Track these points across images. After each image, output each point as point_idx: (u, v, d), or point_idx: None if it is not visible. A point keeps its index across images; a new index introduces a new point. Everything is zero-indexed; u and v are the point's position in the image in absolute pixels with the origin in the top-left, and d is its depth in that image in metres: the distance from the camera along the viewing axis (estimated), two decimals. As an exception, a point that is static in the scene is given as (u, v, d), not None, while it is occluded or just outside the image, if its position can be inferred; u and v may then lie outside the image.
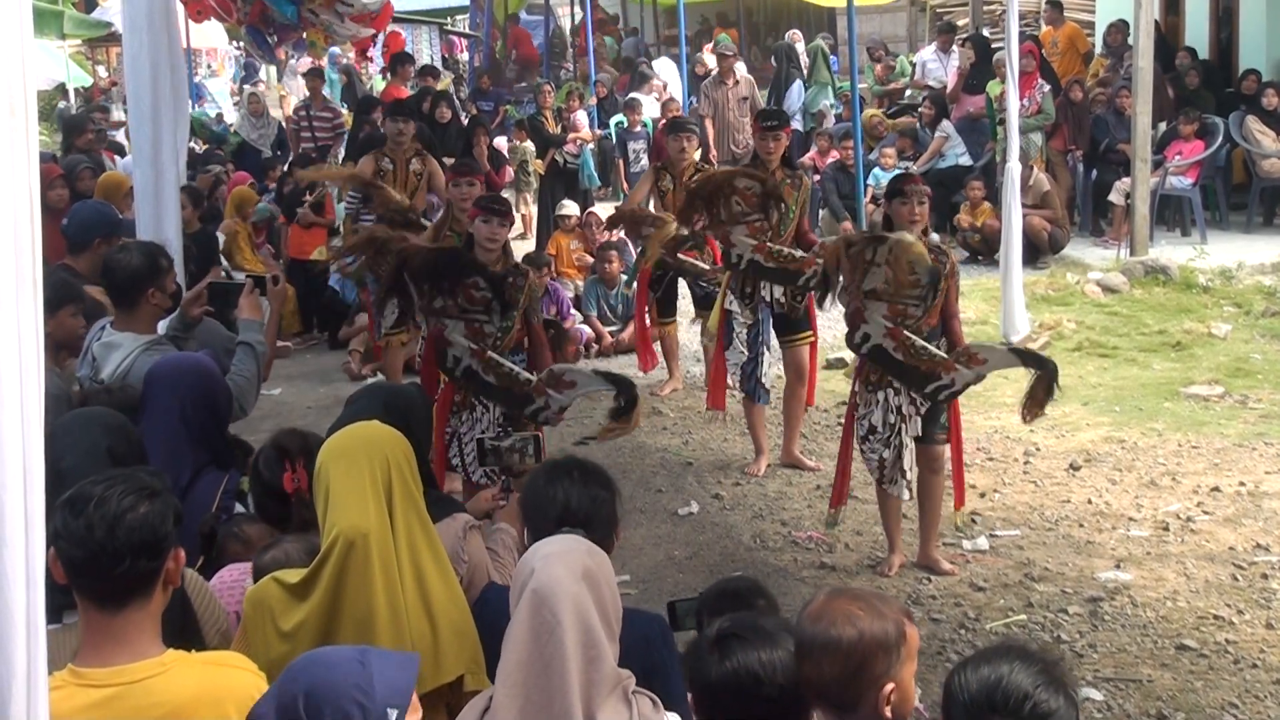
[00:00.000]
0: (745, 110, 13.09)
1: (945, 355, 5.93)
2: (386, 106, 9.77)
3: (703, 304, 8.55)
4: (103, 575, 2.46)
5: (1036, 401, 6.00)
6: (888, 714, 2.48)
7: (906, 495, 6.12)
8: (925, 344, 5.94)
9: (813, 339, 7.64)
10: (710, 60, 16.15)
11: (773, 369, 7.62)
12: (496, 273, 6.07)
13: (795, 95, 15.99)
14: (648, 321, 9.03)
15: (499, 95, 18.21)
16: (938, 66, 15.61)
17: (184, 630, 2.99)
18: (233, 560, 3.57)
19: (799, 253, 7.22)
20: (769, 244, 7.20)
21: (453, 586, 3.15)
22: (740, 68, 14.75)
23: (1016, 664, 2.34)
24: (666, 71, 16.83)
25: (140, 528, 2.48)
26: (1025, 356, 6.14)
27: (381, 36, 19.00)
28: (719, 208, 7.24)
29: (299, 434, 3.68)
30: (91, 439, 3.51)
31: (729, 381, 7.63)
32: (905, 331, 5.92)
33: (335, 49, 23.19)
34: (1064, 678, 2.37)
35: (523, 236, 13.90)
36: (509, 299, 6.07)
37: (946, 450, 6.16)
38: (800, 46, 16.81)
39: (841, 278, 6.09)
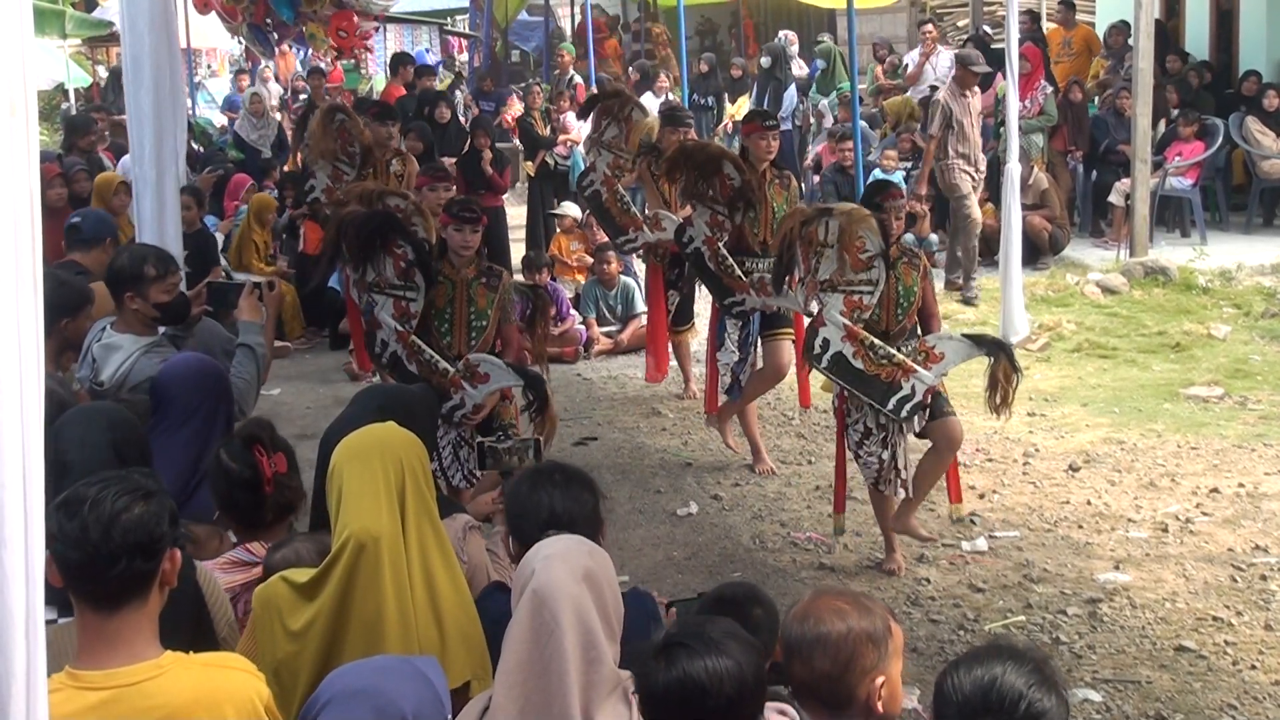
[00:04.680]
0: (981, 129, 11.55)
1: (903, 357, 5.87)
2: (374, 110, 9.70)
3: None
4: (98, 577, 2.45)
5: (999, 388, 5.83)
6: (879, 709, 2.49)
7: (902, 493, 6.11)
8: (882, 343, 5.89)
9: (795, 336, 7.62)
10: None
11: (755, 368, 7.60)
12: (422, 239, 6.08)
13: (791, 97, 15.99)
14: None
15: (500, 96, 18.19)
16: (929, 71, 15.61)
17: (199, 624, 3.00)
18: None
19: (739, 272, 7.24)
20: (721, 244, 7.24)
21: (463, 592, 3.15)
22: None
23: (1009, 664, 2.35)
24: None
25: (136, 529, 2.47)
26: (980, 342, 5.99)
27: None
28: (699, 179, 7.26)
29: (265, 422, 3.69)
30: (97, 433, 3.51)
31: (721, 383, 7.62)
32: (862, 330, 5.88)
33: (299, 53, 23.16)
34: (1055, 677, 2.39)
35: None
36: (431, 271, 6.04)
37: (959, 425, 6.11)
38: (794, 49, 16.79)
39: (799, 265, 6.05)
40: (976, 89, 11.47)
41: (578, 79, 15.52)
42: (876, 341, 5.89)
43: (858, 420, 6.06)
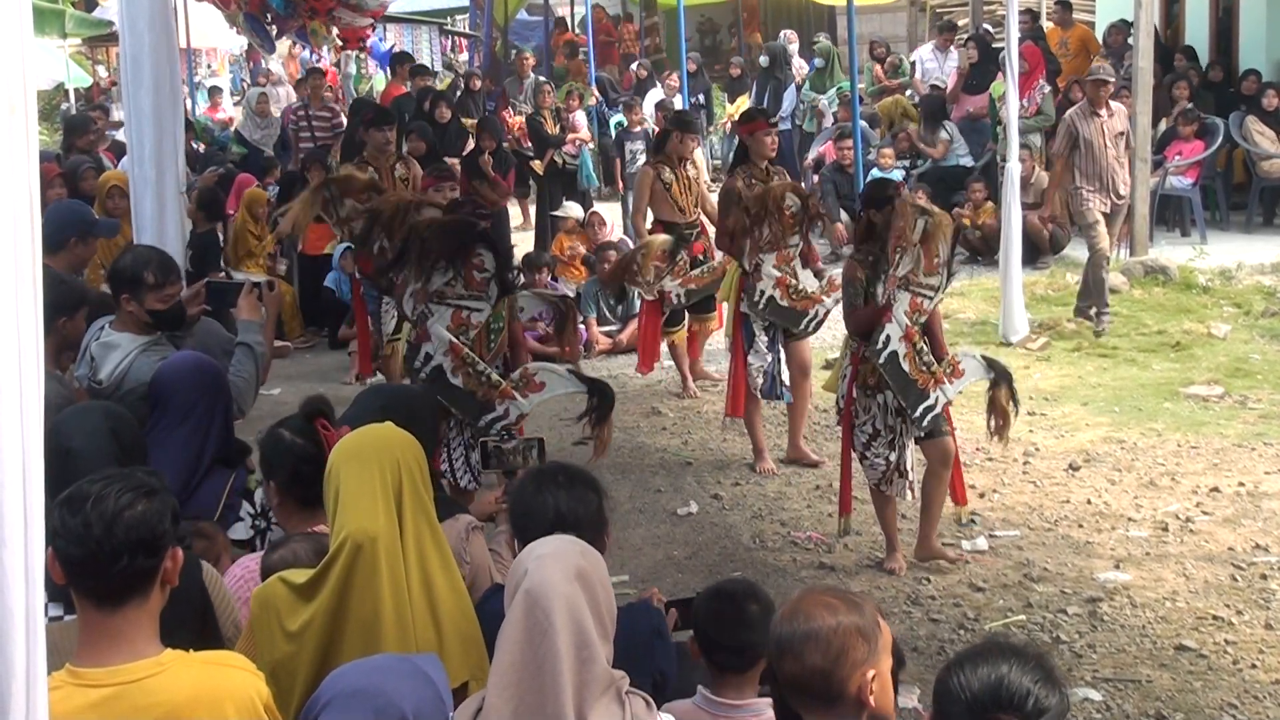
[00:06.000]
0: (1122, 149, 10.22)
1: (939, 368, 6.00)
2: (369, 115, 9.45)
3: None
4: (100, 574, 2.46)
5: (998, 413, 6.15)
6: (871, 703, 2.50)
7: (909, 496, 6.12)
8: (928, 350, 6.01)
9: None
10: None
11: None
12: (508, 249, 6.00)
13: (790, 97, 16.00)
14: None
15: (499, 95, 18.19)
16: (935, 66, 15.59)
17: (204, 623, 3.01)
18: (199, 557, 3.56)
19: (811, 287, 7.27)
20: (790, 279, 7.22)
21: (460, 593, 3.15)
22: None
23: (1013, 661, 2.37)
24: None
25: (138, 525, 2.48)
26: (992, 365, 6.24)
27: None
28: (764, 230, 7.18)
29: (324, 398, 3.69)
30: (95, 421, 3.55)
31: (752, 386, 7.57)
32: (917, 333, 5.97)
33: (305, 54, 23.14)
34: (1056, 673, 2.41)
35: (522, 227, 13.95)
36: (508, 283, 5.99)
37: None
38: (794, 47, 16.79)
39: (885, 259, 6.00)
40: (1113, 105, 10.25)
41: (542, 79, 15.54)
42: (924, 347, 5.99)
43: (865, 422, 6.08)
